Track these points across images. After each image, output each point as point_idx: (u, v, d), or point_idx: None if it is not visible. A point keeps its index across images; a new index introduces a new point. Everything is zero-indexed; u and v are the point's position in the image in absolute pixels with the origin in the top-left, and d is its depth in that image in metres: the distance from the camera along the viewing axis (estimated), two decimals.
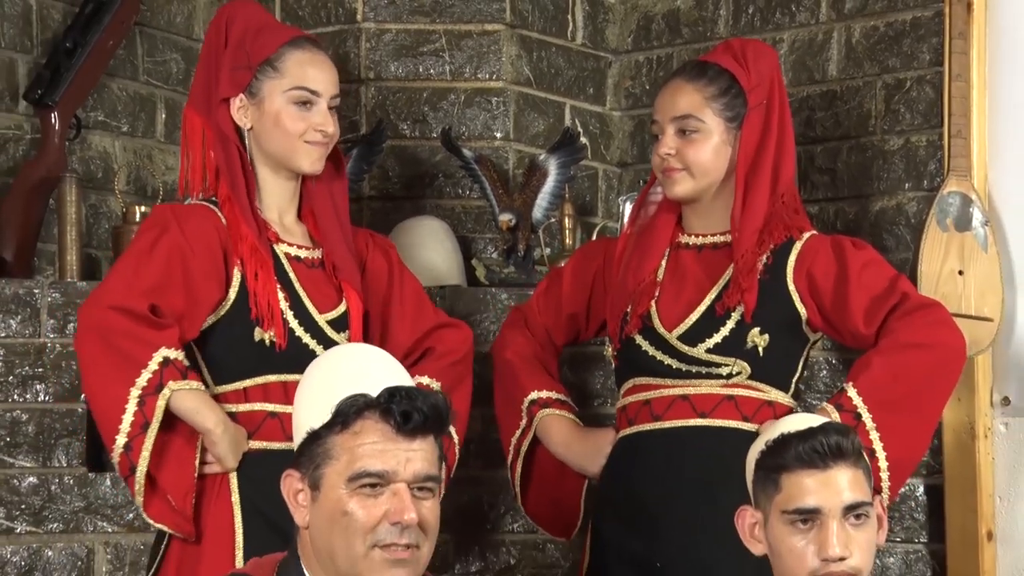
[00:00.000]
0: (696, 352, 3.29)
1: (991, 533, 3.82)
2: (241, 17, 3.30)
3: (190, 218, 3.20)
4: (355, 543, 2.48)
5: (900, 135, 4.03)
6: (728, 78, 3.32)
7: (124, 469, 3.07)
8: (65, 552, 3.69)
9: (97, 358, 3.08)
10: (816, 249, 3.31)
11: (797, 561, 2.67)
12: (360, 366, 2.63)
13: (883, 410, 3.19)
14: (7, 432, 3.67)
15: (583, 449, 3.43)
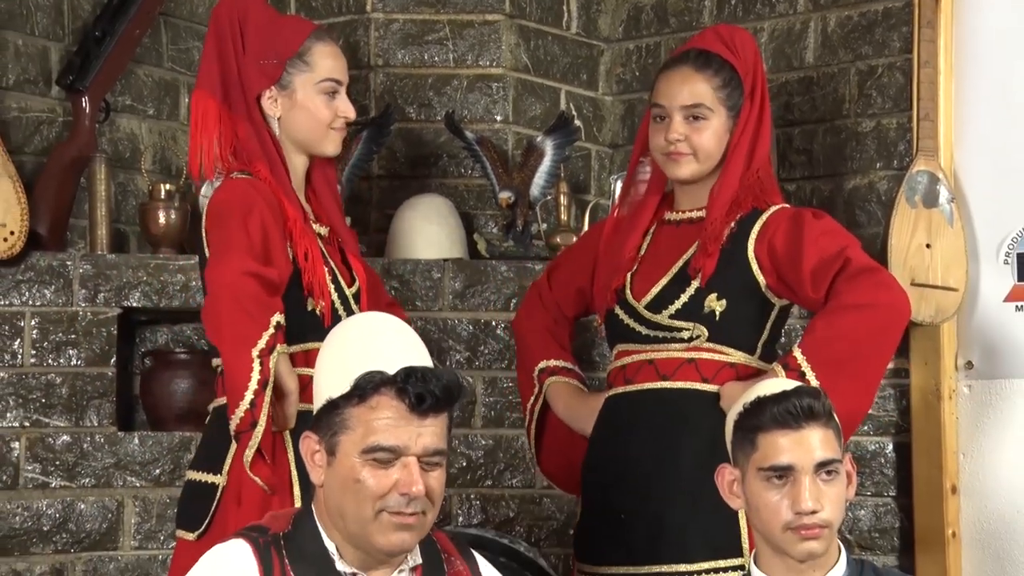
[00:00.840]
0: (660, 318, 3.28)
1: (955, 487, 3.82)
2: (253, 10, 3.28)
3: (264, 195, 3.17)
4: (365, 508, 2.48)
5: (872, 118, 4.03)
6: (730, 69, 3.30)
7: (245, 424, 3.01)
8: (96, 505, 3.71)
9: (235, 320, 3.02)
10: (779, 220, 3.26)
11: (772, 514, 2.68)
12: (380, 339, 2.61)
13: (826, 368, 3.12)
14: (42, 394, 3.69)
15: (580, 412, 3.44)
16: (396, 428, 2.47)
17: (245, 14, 3.26)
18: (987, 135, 3.85)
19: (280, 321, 3.04)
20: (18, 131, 3.81)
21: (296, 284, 3.18)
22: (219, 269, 3.06)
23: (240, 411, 3.00)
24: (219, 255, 3.09)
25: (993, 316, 3.82)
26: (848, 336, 3.15)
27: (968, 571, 3.80)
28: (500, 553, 3.67)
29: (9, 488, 3.64)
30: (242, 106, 3.25)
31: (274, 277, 3.07)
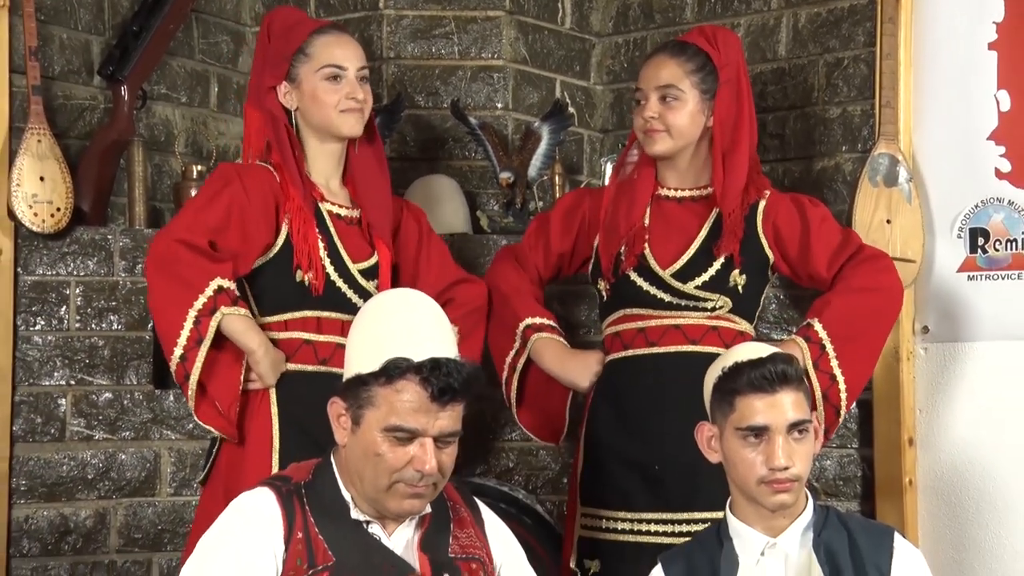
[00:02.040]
0: (687, 288, 3.32)
1: (912, 440, 3.83)
2: (278, 20, 3.36)
3: (250, 174, 3.23)
4: (381, 478, 2.50)
5: (838, 105, 4.02)
6: (704, 57, 3.34)
7: (179, 377, 3.10)
8: (135, 456, 3.72)
9: (162, 282, 3.10)
10: (778, 204, 3.40)
11: (748, 469, 2.69)
12: (412, 323, 2.59)
13: (842, 341, 3.26)
14: (86, 355, 3.69)
15: (575, 367, 3.44)
16: (417, 412, 2.48)
17: (271, 25, 3.35)
18: (943, 121, 3.84)
19: (223, 285, 3.09)
20: (63, 117, 3.80)
21: (287, 257, 3.20)
22: (156, 239, 3.14)
23: (172, 365, 3.08)
24: (165, 227, 3.22)
25: (947, 285, 3.82)
26: (861, 314, 3.29)
27: (923, 516, 3.81)
28: (500, 500, 3.69)
29: (57, 440, 3.65)
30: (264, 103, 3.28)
31: (202, 244, 3.10)
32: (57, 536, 3.63)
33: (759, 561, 2.71)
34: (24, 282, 3.66)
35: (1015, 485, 3.70)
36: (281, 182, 3.23)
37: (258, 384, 3.17)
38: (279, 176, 3.24)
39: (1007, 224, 3.75)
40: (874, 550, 2.71)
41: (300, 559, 2.47)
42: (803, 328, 3.30)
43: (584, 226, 3.52)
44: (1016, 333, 3.72)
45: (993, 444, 3.73)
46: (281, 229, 3.22)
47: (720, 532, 2.77)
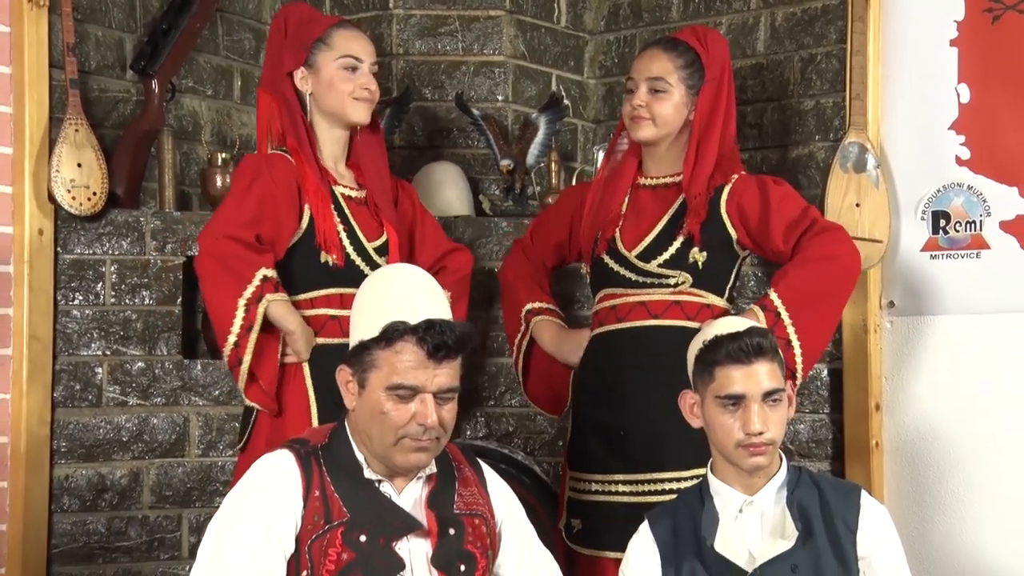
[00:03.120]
0: (650, 267, 3.31)
1: (878, 405, 3.84)
2: (295, 14, 3.35)
3: (274, 165, 3.23)
4: (388, 435, 2.52)
5: (812, 98, 4.01)
6: (693, 55, 3.34)
7: (232, 361, 3.12)
8: (166, 420, 3.73)
9: (214, 275, 3.12)
10: (744, 186, 3.35)
11: (726, 434, 2.70)
12: (407, 291, 2.62)
13: (797, 309, 3.21)
14: (120, 328, 3.70)
15: (566, 345, 3.47)
16: (416, 370, 2.50)
17: (288, 18, 3.34)
18: (908, 112, 3.84)
19: (267, 274, 3.10)
20: (99, 108, 3.80)
21: (310, 238, 3.21)
22: (204, 233, 3.16)
23: (227, 351, 3.10)
24: (211, 220, 3.19)
25: (911, 263, 3.83)
26: (814, 283, 3.23)
27: (888, 475, 3.82)
28: (501, 461, 3.71)
29: (94, 406, 3.66)
30: (279, 87, 3.27)
31: (257, 237, 3.13)
32: (95, 493, 3.64)
33: (737, 518, 2.73)
34: (63, 260, 3.66)
35: (972, 447, 3.70)
36: (298, 166, 3.24)
37: (293, 359, 3.19)
38: (295, 161, 3.24)
39: (966, 207, 3.75)
40: (842, 506, 2.73)
41: (317, 515, 2.49)
42: (760, 298, 3.27)
43: (576, 216, 3.52)
44: (974, 307, 3.73)
45: (952, 409, 3.74)
46: (304, 213, 3.23)
47: (702, 491, 2.79)
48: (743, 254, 3.39)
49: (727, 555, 2.70)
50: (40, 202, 3.60)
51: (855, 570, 2.70)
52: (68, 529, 3.61)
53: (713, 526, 2.72)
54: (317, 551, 2.47)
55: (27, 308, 3.57)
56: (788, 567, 2.66)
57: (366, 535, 2.50)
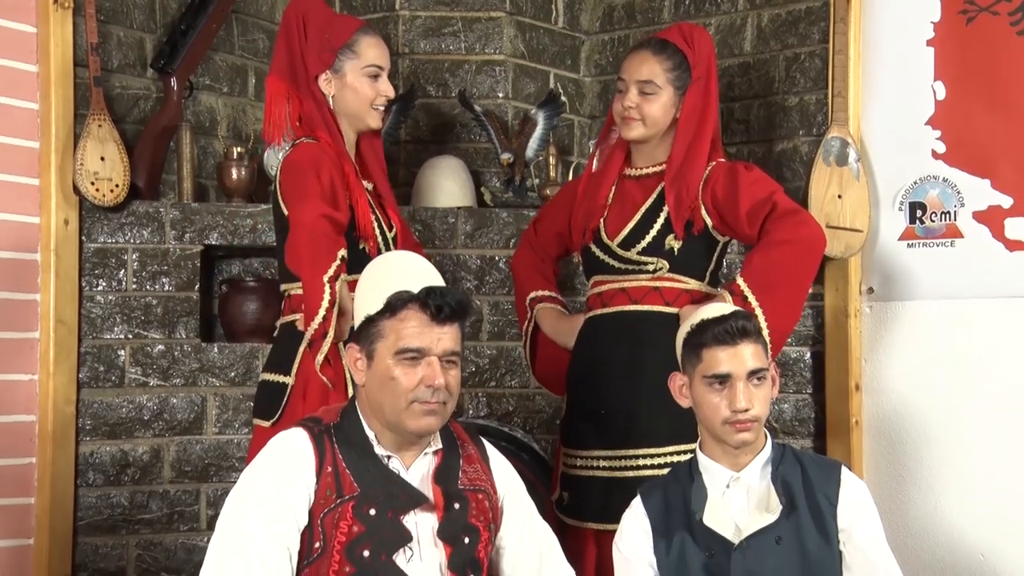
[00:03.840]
0: (630, 254, 3.29)
1: (858, 385, 3.85)
2: (313, 10, 3.30)
3: (329, 156, 3.18)
4: (399, 400, 2.52)
5: (796, 95, 4.01)
6: (681, 56, 3.31)
7: (319, 333, 3.04)
8: (185, 399, 3.74)
9: (310, 251, 3.04)
10: (718, 173, 3.27)
11: (714, 412, 2.70)
12: (405, 266, 2.65)
13: (762, 291, 3.14)
14: (142, 313, 3.71)
15: (561, 329, 3.46)
16: (421, 334, 2.51)
17: (307, 13, 3.29)
18: (887, 108, 3.85)
19: (344, 255, 3.06)
20: (121, 105, 3.80)
21: (351, 227, 3.19)
22: (301, 212, 3.07)
23: (315, 324, 3.02)
24: (301, 200, 3.09)
25: (889, 252, 3.84)
26: (778, 265, 3.17)
27: (867, 452, 3.83)
28: (501, 439, 3.71)
29: (117, 386, 3.67)
30: (306, 86, 3.26)
31: (342, 219, 3.10)
32: (118, 469, 3.65)
33: (725, 492, 2.73)
34: (88, 249, 3.67)
35: (946, 425, 3.72)
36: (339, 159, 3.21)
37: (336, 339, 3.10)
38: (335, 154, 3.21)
39: (942, 198, 3.76)
40: (824, 481, 2.73)
41: (329, 490, 2.49)
42: (727, 283, 3.24)
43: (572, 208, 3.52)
44: (949, 293, 3.74)
45: (928, 389, 3.75)
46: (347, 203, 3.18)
47: (691, 468, 2.79)
48: (722, 240, 3.35)
49: (715, 528, 2.70)
50: (65, 194, 3.60)
51: (836, 542, 2.70)
52: (93, 502, 3.62)
53: (702, 501, 2.72)
54: (329, 524, 2.48)
55: (53, 294, 3.58)
56: (772, 539, 2.67)
57: (375, 509, 2.50)
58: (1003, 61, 3.67)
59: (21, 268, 3.56)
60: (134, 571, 3.65)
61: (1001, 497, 3.62)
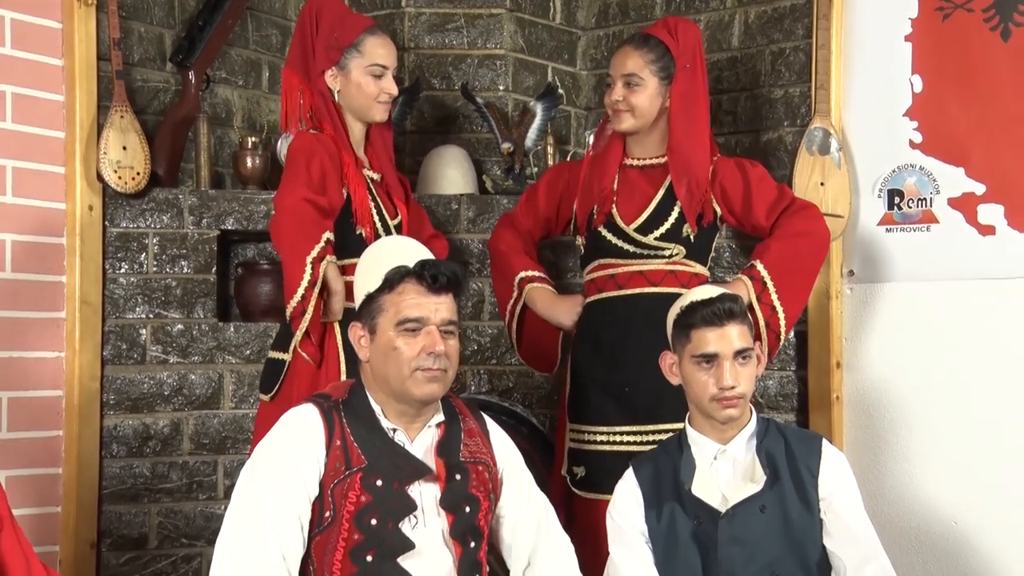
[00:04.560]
0: (648, 240, 3.32)
1: (839, 363, 3.85)
2: (327, 8, 3.31)
3: (326, 145, 3.20)
4: (403, 369, 2.54)
5: (781, 88, 4.00)
6: (663, 48, 3.33)
7: (297, 312, 3.06)
8: (203, 376, 3.74)
9: (291, 233, 3.06)
10: (725, 168, 3.39)
11: (702, 389, 2.72)
12: (400, 249, 2.66)
13: (780, 277, 3.25)
14: (162, 294, 3.71)
15: (561, 310, 3.45)
16: (419, 304, 2.53)
17: (321, 11, 3.32)
18: (867, 100, 3.84)
19: (329, 237, 3.08)
20: (142, 97, 3.80)
21: (348, 213, 3.20)
22: (283, 196, 3.11)
23: (293, 303, 3.06)
24: (285, 185, 3.14)
25: (869, 236, 3.83)
26: (795, 255, 3.29)
27: (847, 426, 3.83)
28: (502, 413, 3.72)
29: (139, 363, 3.68)
30: (315, 81, 3.27)
31: (325, 204, 3.11)
32: (140, 441, 3.66)
33: (712, 464, 2.76)
34: (111, 233, 3.67)
35: (922, 400, 3.72)
36: (338, 150, 3.23)
37: (329, 317, 3.16)
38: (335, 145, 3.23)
39: (918, 186, 3.75)
40: (806, 454, 2.75)
41: (338, 462, 2.51)
42: (747, 268, 3.29)
43: (565, 192, 3.52)
44: (924, 275, 3.73)
45: (905, 366, 3.75)
46: (343, 191, 3.21)
47: (680, 441, 2.81)
48: (722, 228, 3.43)
49: (703, 497, 2.72)
50: (89, 181, 3.60)
51: (817, 510, 2.72)
52: (117, 472, 3.63)
53: (690, 472, 2.74)
54: (339, 494, 2.50)
55: (79, 276, 3.58)
56: (757, 508, 2.69)
57: (382, 480, 2.52)
58: (977, 56, 3.67)
59: (48, 252, 3.56)
60: (155, 537, 3.66)
61: (972, 468, 3.63)
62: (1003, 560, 3.58)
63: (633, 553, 2.75)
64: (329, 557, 2.49)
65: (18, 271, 3.50)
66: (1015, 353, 3.58)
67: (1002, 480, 3.58)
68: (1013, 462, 3.57)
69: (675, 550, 2.72)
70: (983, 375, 3.63)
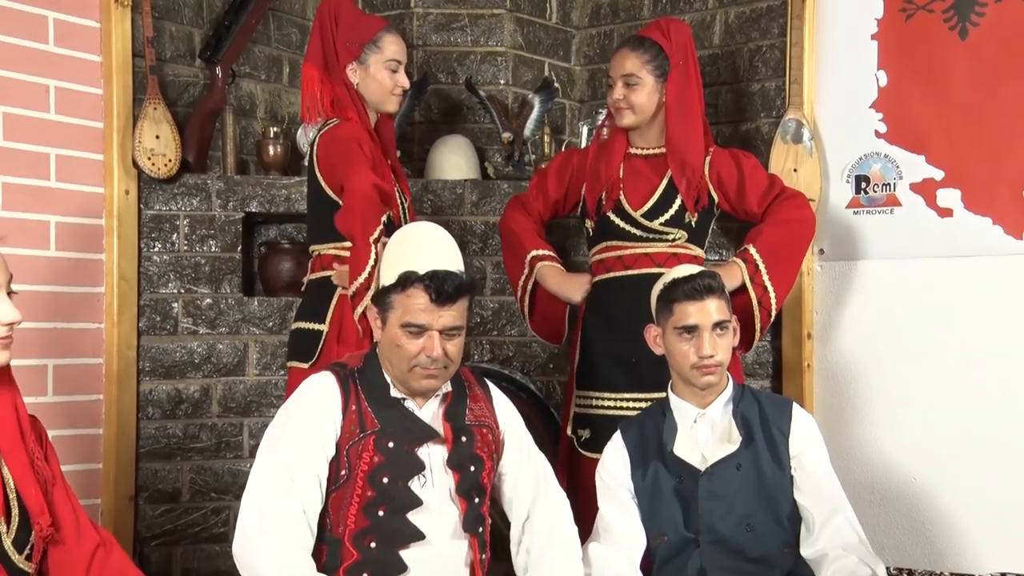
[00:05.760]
0: (654, 224, 3.31)
1: (810, 334, 3.86)
2: (344, 8, 3.30)
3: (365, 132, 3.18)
4: (403, 363, 2.54)
5: (758, 82, 4.00)
6: (658, 48, 3.32)
7: (363, 288, 2.98)
8: (230, 346, 3.75)
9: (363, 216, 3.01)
10: (721, 158, 3.38)
11: (683, 358, 2.72)
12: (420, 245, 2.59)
13: (772, 260, 3.25)
14: (192, 271, 3.72)
15: (571, 286, 3.41)
16: (423, 311, 2.50)
17: (339, 10, 3.29)
18: (836, 94, 3.83)
19: (387, 220, 3.05)
20: (173, 90, 3.80)
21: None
22: (355, 181, 3.03)
23: (359, 280, 2.99)
24: (353, 171, 3.06)
25: (838, 218, 3.83)
26: (785, 239, 3.29)
27: (817, 392, 3.84)
28: (503, 380, 3.73)
29: (171, 334, 3.69)
30: (337, 73, 3.26)
31: (388, 188, 3.09)
32: (173, 404, 3.68)
33: (692, 427, 2.76)
34: (145, 215, 3.67)
35: (885, 368, 3.73)
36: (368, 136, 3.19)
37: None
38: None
39: (883, 172, 3.75)
40: (778, 416, 2.76)
41: (354, 425, 2.52)
42: (740, 252, 3.28)
43: (573, 178, 3.50)
44: (889, 254, 3.73)
45: (870, 337, 3.76)
46: None
47: (663, 406, 2.81)
48: (717, 213, 3.43)
49: (684, 457, 2.73)
50: (126, 168, 3.61)
51: (788, 467, 2.72)
52: (152, 433, 3.65)
53: (672, 434, 2.75)
54: (353, 455, 2.50)
55: (116, 254, 3.59)
56: (733, 466, 2.70)
57: (393, 442, 2.52)
58: (937, 53, 3.66)
59: (88, 232, 3.57)
60: (188, 492, 3.68)
61: (930, 430, 3.64)
62: (956, 510, 3.60)
63: (621, 508, 2.76)
64: (344, 511, 2.50)
65: (62, 250, 3.51)
66: (971, 324, 3.59)
67: (957, 440, 3.59)
68: (967, 424, 3.58)
69: (659, 505, 2.73)
70: (942, 345, 3.63)
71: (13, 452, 2.25)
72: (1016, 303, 3.52)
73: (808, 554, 2.67)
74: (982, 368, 3.56)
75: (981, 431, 3.55)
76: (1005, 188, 3.54)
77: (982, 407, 3.56)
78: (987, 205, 3.57)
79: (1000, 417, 3.52)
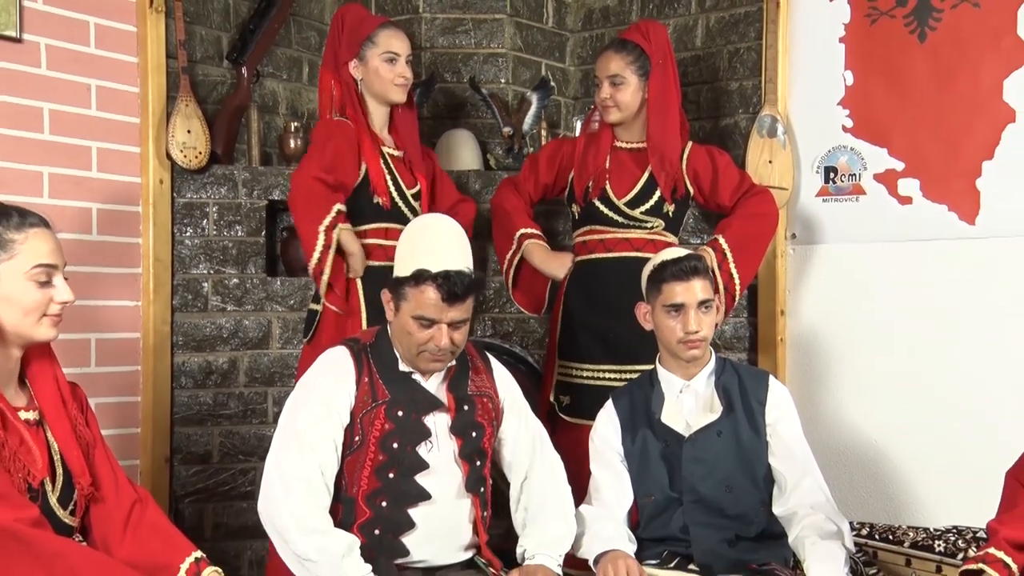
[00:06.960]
0: (635, 213, 3.30)
1: (783, 311, 3.83)
2: (350, 13, 3.29)
3: (342, 129, 3.18)
4: (412, 348, 2.51)
5: (736, 81, 3.97)
6: (640, 49, 3.29)
7: (316, 272, 3.05)
8: (255, 322, 3.71)
9: (303, 206, 3.04)
10: (698, 154, 3.39)
11: (670, 334, 2.70)
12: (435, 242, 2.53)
13: (738, 250, 3.26)
14: (220, 253, 3.68)
15: (554, 264, 3.42)
16: (433, 306, 2.47)
17: (345, 17, 3.30)
18: (807, 92, 3.80)
19: (340, 209, 3.04)
20: (203, 89, 3.76)
21: (366, 185, 3.17)
22: (296, 174, 3.09)
23: (311, 264, 3.04)
24: (300, 165, 3.12)
25: (808, 205, 3.80)
26: (751, 232, 3.30)
27: (790, 364, 3.82)
28: (503, 353, 3.71)
29: (202, 311, 3.65)
30: (342, 75, 3.22)
31: (332, 181, 3.07)
32: (204, 375, 3.65)
33: (678, 397, 2.74)
34: (178, 203, 3.64)
35: (850, 343, 3.71)
36: (357, 131, 3.19)
37: (351, 275, 3.14)
38: (355, 127, 3.19)
39: (849, 163, 3.72)
40: (755, 387, 2.73)
41: (366, 395, 2.50)
42: (711, 241, 3.29)
43: (562, 164, 3.48)
44: (853, 238, 3.71)
45: (837, 314, 3.74)
46: (361, 166, 3.18)
47: (651, 377, 2.79)
48: (692, 204, 3.41)
49: (670, 424, 2.71)
50: (160, 159, 3.56)
51: (764, 434, 2.71)
52: (185, 401, 3.62)
53: (660, 403, 2.73)
54: (366, 422, 2.49)
55: (152, 238, 3.56)
56: (715, 433, 2.67)
57: (402, 411, 2.51)
58: (899, 54, 3.63)
59: (127, 218, 3.53)
60: (218, 454, 3.65)
61: (891, 399, 3.63)
62: (912, 470, 3.59)
63: (612, 471, 2.74)
64: (358, 474, 2.49)
65: (102, 234, 3.47)
66: (929, 302, 3.57)
67: (916, 407, 3.58)
68: (925, 393, 3.57)
69: (647, 467, 2.71)
70: (902, 321, 3.62)
71: (57, 419, 2.26)
72: (967, 283, 3.51)
73: (780, 512, 2.67)
74: (937, 341, 3.55)
75: (934, 397, 3.55)
76: (959, 178, 3.52)
77: (936, 376, 3.55)
78: (943, 194, 3.55)
79: (951, 385, 3.52)
